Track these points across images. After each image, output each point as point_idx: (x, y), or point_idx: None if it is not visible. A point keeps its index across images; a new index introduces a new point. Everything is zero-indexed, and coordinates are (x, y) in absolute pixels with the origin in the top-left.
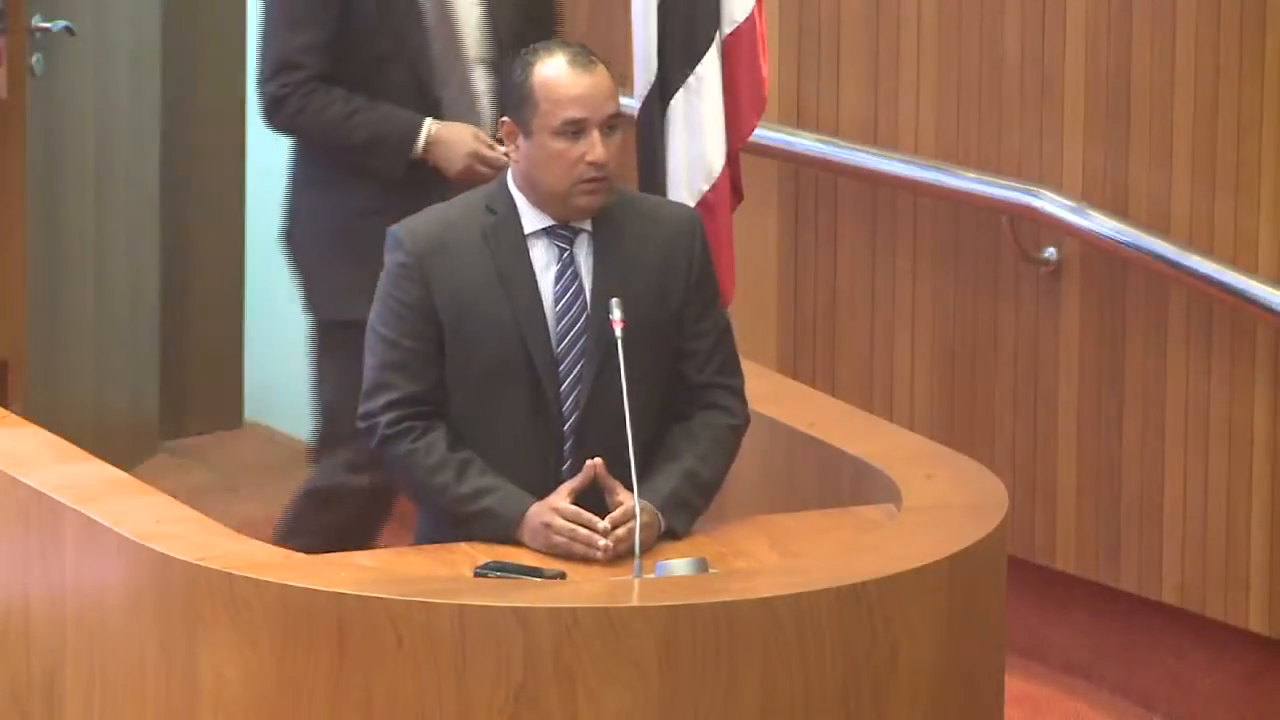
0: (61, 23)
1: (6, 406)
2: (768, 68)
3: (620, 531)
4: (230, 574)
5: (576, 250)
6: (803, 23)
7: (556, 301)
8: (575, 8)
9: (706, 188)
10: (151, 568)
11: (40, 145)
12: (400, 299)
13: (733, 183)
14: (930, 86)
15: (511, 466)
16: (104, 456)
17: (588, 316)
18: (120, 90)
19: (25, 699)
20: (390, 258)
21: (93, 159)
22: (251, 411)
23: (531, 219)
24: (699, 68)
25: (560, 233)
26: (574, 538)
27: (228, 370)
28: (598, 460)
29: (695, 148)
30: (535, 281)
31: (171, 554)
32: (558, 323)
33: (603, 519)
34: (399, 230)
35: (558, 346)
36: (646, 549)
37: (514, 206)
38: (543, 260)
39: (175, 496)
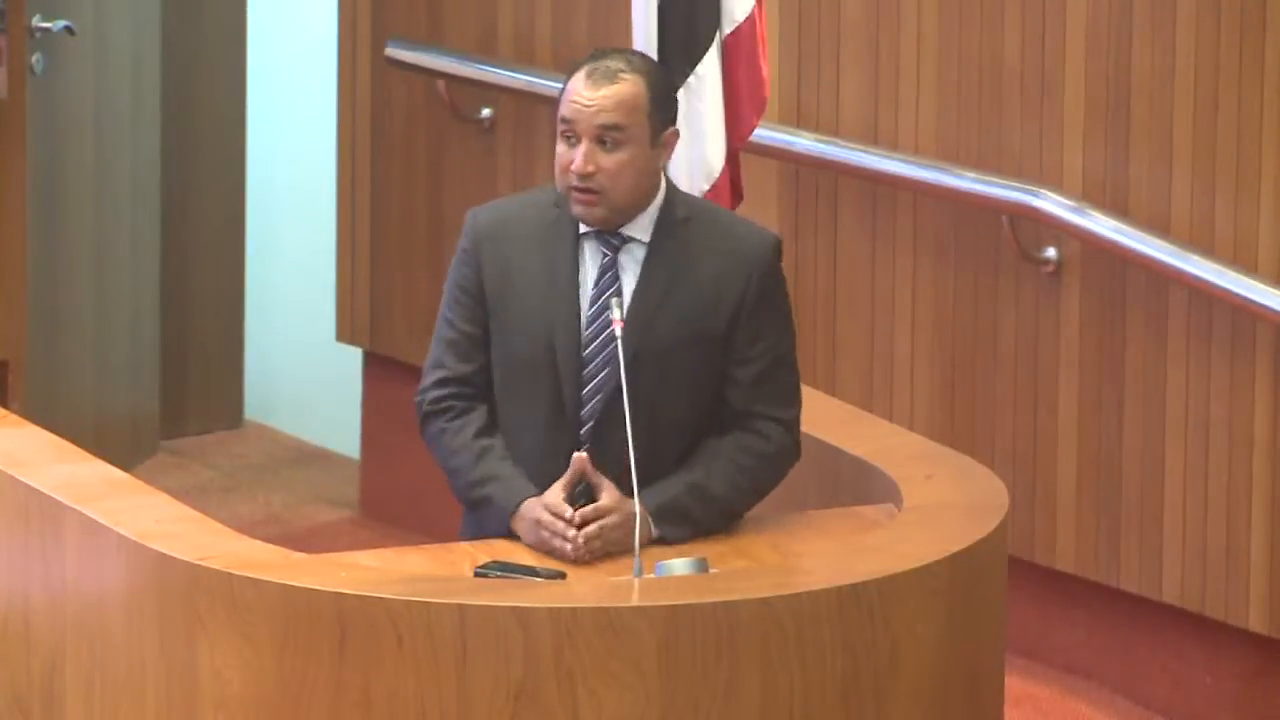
0: (61, 23)
1: (6, 406)
2: (768, 68)
3: (591, 529)
4: (230, 574)
5: (623, 257)
6: (803, 23)
7: (591, 305)
8: (575, 8)
9: (707, 187)
10: (151, 568)
11: (40, 145)
12: (458, 282)
13: (733, 183)
14: (930, 86)
15: (532, 462)
16: (104, 456)
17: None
18: (120, 90)
19: (25, 699)
20: (460, 242)
21: (93, 159)
22: (251, 411)
23: None
24: (699, 67)
25: (607, 237)
26: (553, 531)
27: (228, 370)
28: (582, 454)
29: (695, 147)
30: (576, 283)
31: (171, 554)
32: (589, 326)
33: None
34: (471, 214)
35: (585, 350)
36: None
37: None
38: (589, 262)
39: (175, 496)
